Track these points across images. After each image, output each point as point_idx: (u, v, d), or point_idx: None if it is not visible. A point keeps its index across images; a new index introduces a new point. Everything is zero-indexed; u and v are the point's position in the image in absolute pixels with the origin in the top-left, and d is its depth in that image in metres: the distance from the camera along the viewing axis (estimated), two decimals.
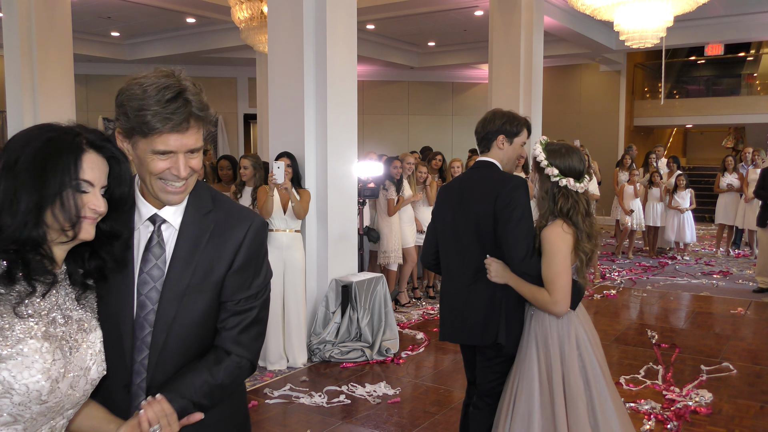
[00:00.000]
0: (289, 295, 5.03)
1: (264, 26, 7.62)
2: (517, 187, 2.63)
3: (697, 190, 11.01)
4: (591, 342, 2.54)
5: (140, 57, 13.53)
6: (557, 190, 2.52)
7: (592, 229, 2.53)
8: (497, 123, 2.81)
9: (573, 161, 2.52)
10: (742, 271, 9.12)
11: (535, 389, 2.49)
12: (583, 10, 7.82)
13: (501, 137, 2.79)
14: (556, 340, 2.50)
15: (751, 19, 11.99)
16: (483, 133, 2.83)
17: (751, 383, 4.67)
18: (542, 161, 2.53)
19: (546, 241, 2.49)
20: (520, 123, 2.82)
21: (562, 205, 2.50)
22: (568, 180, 2.50)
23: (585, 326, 2.57)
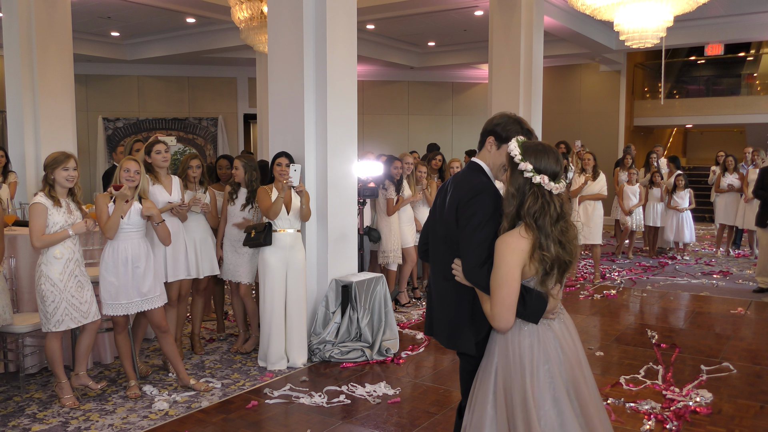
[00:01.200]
0: (290, 295, 5.03)
1: (264, 26, 7.63)
2: (478, 193, 2.47)
3: (696, 190, 11.01)
4: (559, 357, 2.36)
5: (140, 57, 13.54)
6: (528, 187, 2.32)
7: (565, 236, 2.32)
8: (493, 122, 2.67)
9: (549, 160, 2.33)
10: (742, 271, 9.12)
11: (489, 401, 2.38)
12: (583, 10, 7.82)
13: (490, 138, 2.64)
14: (517, 352, 2.35)
15: (751, 19, 11.99)
16: (481, 130, 2.74)
17: (751, 383, 4.67)
18: (516, 155, 2.35)
19: (495, 250, 2.31)
20: (514, 130, 2.59)
21: (530, 206, 2.29)
22: (542, 177, 2.30)
23: (561, 341, 2.39)
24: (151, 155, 4.82)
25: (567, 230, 2.34)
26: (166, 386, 4.62)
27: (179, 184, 4.99)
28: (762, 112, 14.53)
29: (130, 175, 4.28)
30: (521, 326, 2.38)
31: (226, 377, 4.83)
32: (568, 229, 2.34)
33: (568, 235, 2.34)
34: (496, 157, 2.62)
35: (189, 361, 5.17)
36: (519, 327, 2.38)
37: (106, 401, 4.33)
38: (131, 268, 4.30)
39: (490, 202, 2.46)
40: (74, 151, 7.15)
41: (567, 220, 2.35)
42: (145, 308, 4.36)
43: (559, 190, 2.34)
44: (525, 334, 2.37)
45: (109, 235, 4.22)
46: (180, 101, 15.24)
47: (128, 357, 4.49)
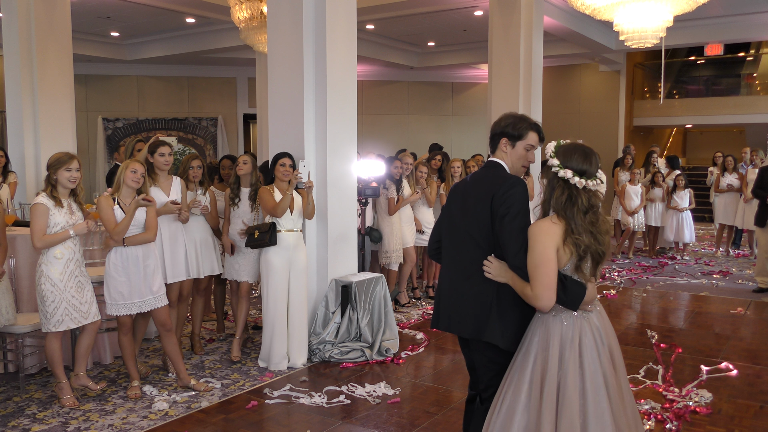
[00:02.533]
0: (292, 295, 5.03)
1: (264, 26, 7.63)
2: (513, 186, 2.65)
3: (696, 190, 11.01)
4: (599, 349, 2.47)
5: (140, 57, 13.55)
6: (556, 181, 2.53)
7: (595, 227, 2.48)
8: (501, 125, 2.81)
9: (576, 158, 2.51)
10: (741, 271, 9.12)
11: (523, 388, 2.47)
12: (582, 10, 7.82)
13: (504, 140, 2.79)
14: (557, 342, 2.47)
15: (750, 19, 11.99)
16: (490, 134, 2.85)
17: (750, 383, 4.67)
18: (549, 153, 2.57)
19: (529, 235, 2.50)
20: (524, 126, 2.77)
21: (557, 197, 2.49)
22: (565, 171, 2.49)
23: (595, 332, 2.51)
24: (154, 156, 4.81)
25: (597, 222, 2.50)
26: (165, 386, 4.62)
27: (180, 184, 4.98)
28: (761, 112, 14.54)
29: (137, 177, 4.29)
30: (561, 317, 2.51)
31: (226, 377, 4.83)
32: (598, 221, 2.50)
33: (599, 226, 2.50)
34: (513, 156, 2.79)
35: (189, 362, 5.17)
36: (559, 318, 2.51)
37: (105, 401, 4.33)
38: (142, 266, 4.32)
39: (525, 195, 2.66)
40: (74, 151, 7.15)
41: (597, 213, 2.51)
42: (158, 305, 4.38)
43: (587, 185, 2.50)
44: (564, 325, 2.49)
45: (117, 238, 4.22)
46: (180, 101, 15.24)
47: (132, 357, 4.50)
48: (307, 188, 5.03)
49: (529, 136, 2.78)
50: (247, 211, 5.31)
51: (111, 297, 4.31)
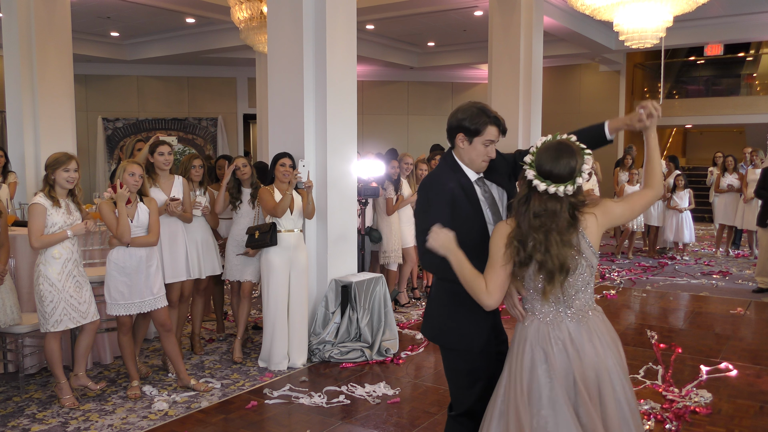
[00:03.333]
0: (293, 295, 5.02)
1: (263, 26, 7.63)
2: (422, 186, 2.63)
3: (696, 190, 11.01)
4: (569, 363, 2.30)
5: (140, 57, 13.55)
6: (524, 180, 2.36)
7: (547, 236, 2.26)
8: (458, 117, 2.58)
9: (544, 158, 2.31)
10: (741, 271, 9.12)
11: (499, 397, 2.40)
12: (582, 10, 7.82)
13: (460, 135, 2.57)
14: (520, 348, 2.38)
15: (750, 19, 12.00)
16: (447, 127, 2.65)
17: (750, 383, 4.67)
18: (531, 149, 2.42)
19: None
20: (482, 121, 2.53)
21: (518, 196, 2.37)
22: (529, 171, 2.33)
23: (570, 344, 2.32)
24: (154, 156, 4.81)
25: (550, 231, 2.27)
26: (165, 386, 4.62)
27: (183, 184, 4.97)
28: (761, 112, 14.55)
29: (135, 179, 4.28)
30: (531, 321, 2.39)
31: (226, 377, 4.83)
32: (551, 230, 2.27)
33: (548, 242, 2.26)
34: (471, 152, 2.57)
35: (189, 362, 5.17)
36: (529, 322, 2.39)
37: (105, 401, 4.33)
38: (145, 267, 4.32)
39: (431, 194, 2.56)
40: (74, 151, 7.15)
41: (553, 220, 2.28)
42: (157, 306, 4.38)
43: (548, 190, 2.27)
44: (531, 329, 2.37)
45: (125, 240, 4.22)
46: (179, 101, 15.24)
47: (132, 357, 4.50)
48: (307, 188, 5.03)
49: (487, 131, 2.54)
50: (249, 212, 5.31)
51: (111, 297, 4.30)
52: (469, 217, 2.55)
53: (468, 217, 2.54)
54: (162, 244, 4.79)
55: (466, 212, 2.54)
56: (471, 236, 2.50)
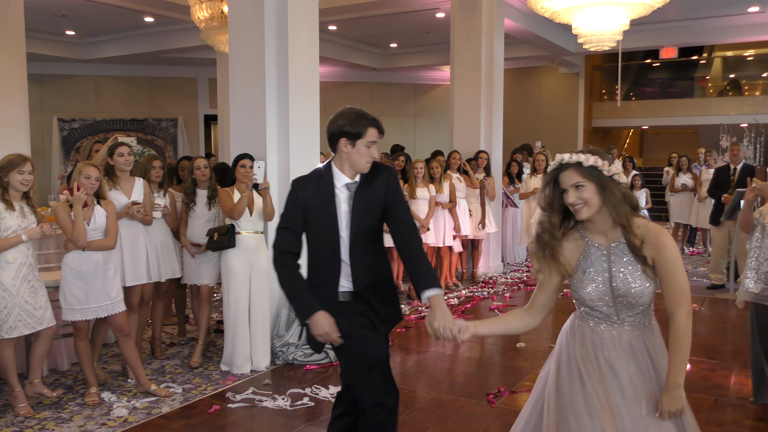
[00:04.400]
0: (254, 298, 4.97)
1: (224, 26, 7.54)
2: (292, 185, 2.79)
3: (652, 189, 11.27)
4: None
5: (97, 56, 13.28)
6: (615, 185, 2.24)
7: None
8: (338, 124, 2.69)
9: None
10: (696, 268, 9.37)
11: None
12: (542, 13, 7.93)
13: (343, 140, 2.68)
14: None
15: (703, 23, 12.36)
16: (328, 134, 2.74)
17: (705, 377, 4.80)
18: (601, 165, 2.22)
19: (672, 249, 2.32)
20: (362, 124, 2.67)
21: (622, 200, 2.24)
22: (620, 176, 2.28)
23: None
24: (113, 157, 4.71)
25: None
26: (125, 392, 4.53)
27: (143, 186, 4.88)
28: (714, 114, 14.97)
29: (91, 182, 4.19)
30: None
31: (188, 382, 4.76)
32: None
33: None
34: (355, 155, 2.69)
35: (149, 366, 5.08)
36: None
37: (62, 409, 4.22)
38: (102, 271, 4.23)
39: (291, 194, 2.76)
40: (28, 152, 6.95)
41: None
42: (115, 311, 4.29)
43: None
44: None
45: (81, 243, 4.12)
46: (138, 102, 14.98)
47: (89, 363, 4.39)
48: (263, 189, 4.99)
49: (368, 133, 2.68)
50: (204, 213, 5.24)
51: (66, 302, 4.20)
52: (321, 225, 2.71)
53: (319, 226, 2.71)
54: (123, 246, 4.70)
55: (319, 221, 2.70)
56: (322, 246, 2.73)
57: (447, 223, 7.55)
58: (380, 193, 2.75)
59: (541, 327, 6.06)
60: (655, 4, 7.53)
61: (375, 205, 2.75)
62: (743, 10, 11.65)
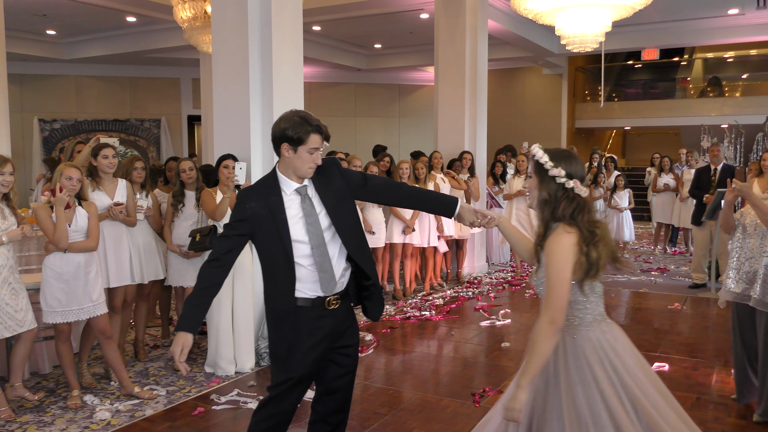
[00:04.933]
0: (238, 299, 4.96)
1: (208, 26, 7.50)
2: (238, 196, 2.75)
3: (635, 190, 11.38)
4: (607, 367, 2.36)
5: (78, 56, 13.15)
6: (562, 192, 2.37)
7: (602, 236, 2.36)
8: (281, 127, 2.62)
9: (578, 165, 2.40)
10: (678, 267, 9.46)
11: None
12: (525, 14, 7.97)
13: (285, 145, 2.61)
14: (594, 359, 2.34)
15: (684, 25, 12.50)
16: (271, 137, 2.68)
17: (687, 375, 4.85)
18: (546, 162, 2.38)
19: (548, 251, 2.35)
20: (304, 130, 2.59)
21: (564, 208, 2.35)
22: (575, 182, 2.37)
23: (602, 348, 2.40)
24: (97, 159, 4.67)
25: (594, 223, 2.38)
26: (108, 395, 4.48)
27: (126, 187, 4.84)
28: (695, 115, 15.14)
29: (72, 183, 4.14)
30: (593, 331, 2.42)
31: (172, 384, 4.72)
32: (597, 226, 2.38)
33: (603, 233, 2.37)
34: (297, 161, 2.63)
35: (132, 369, 5.04)
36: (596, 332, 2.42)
37: (44, 412, 4.17)
38: (84, 273, 4.18)
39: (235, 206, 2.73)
40: (8, 153, 6.87)
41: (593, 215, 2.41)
42: (97, 313, 4.24)
43: (585, 193, 2.40)
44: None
45: (62, 245, 4.07)
46: (121, 102, 14.85)
47: (71, 366, 4.34)
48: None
49: (310, 139, 2.60)
50: (193, 215, 5.21)
51: (47, 304, 4.15)
52: (271, 235, 2.63)
53: (269, 236, 2.63)
54: (106, 248, 4.67)
55: (268, 231, 2.63)
56: (272, 255, 2.65)
57: (432, 224, 7.57)
58: (340, 182, 2.74)
59: (526, 328, 6.10)
60: (636, 6, 7.60)
61: (345, 200, 2.74)
62: (723, 13, 11.80)
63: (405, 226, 7.23)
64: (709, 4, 11.27)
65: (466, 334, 6.03)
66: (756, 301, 3.83)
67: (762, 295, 3.80)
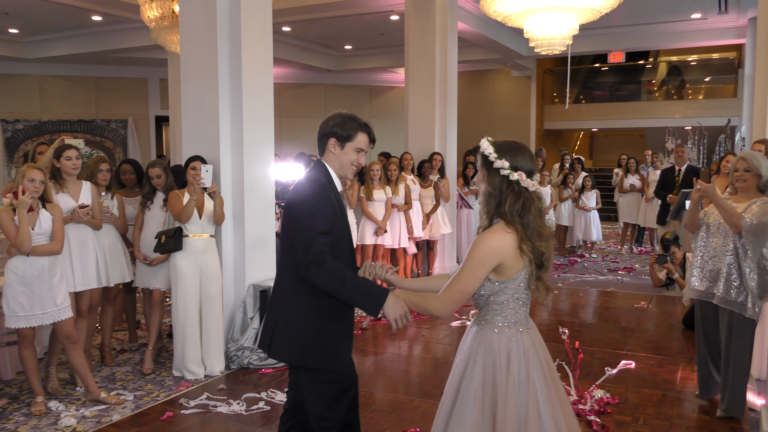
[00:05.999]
0: (205, 301, 4.91)
1: (175, 26, 7.40)
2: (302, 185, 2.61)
3: (602, 190, 11.56)
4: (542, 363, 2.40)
5: (42, 55, 12.87)
6: (507, 185, 2.32)
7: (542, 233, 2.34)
8: (329, 124, 2.66)
9: (524, 158, 2.34)
10: (644, 266, 9.63)
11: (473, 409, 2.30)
12: (495, 17, 8.04)
13: (332, 140, 2.64)
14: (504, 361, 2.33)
15: (649, 28, 12.73)
16: (318, 134, 2.70)
17: (653, 373, 4.94)
18: (491, 154, 2.33)
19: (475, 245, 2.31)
20: (352, 127, 2.64)
21: (511, 203, 2.31)
22: (520, 174, 2.31)
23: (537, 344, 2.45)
24: (60, 161, 4.57)
25: (542, 227, 2.36)
26: (73, 401, 4.40)
27: (91, 189, 4.75)
28: (660, 117, 15.43)
29: (35, 186, 4.05)
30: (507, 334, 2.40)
31: (139, 389, 4.65)
32: (543, 226, 2.36)
33: (544, 231, 2.35)
34: (342, 158, 2.65)
35: (99, 374, 4.95)
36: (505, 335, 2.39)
37: (6, 420, 4.07)
38: (48, 277, 4.09)
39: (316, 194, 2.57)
40: None
41: (543, 218, 2.38)
42: (61, 318, 4.15)
43: (535, 187, 2.35)
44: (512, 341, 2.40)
45: (24, 249, 3.98)
46: (86, 102, 14.57)
47: (35, 372, 4.25)
48: (210, 193, 4.93)
49: (358, 137, 2.65)
50: (159, 215, 5.14)
51: (10, 309, 4.05)
52: (339, 230, 2.62)
53: (338, 231, 2.61)
54: (71, 251, 4.58)
55: (337, 226, 2.61)
56: (343, 247, 2.62)
57: (402, 225, 7.59)
58: None
59: None
60: (603, 10, 7.72)
61: None
62: (687, 17, 12.05)
63: (377, 227, 7.24)
64: (673, 8, 11.51)
65: (437, 335, 6.05)
66: (719, 298, 3.92)
67: (725, 293, 3.89)
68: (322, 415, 2.61)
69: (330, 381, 2.62)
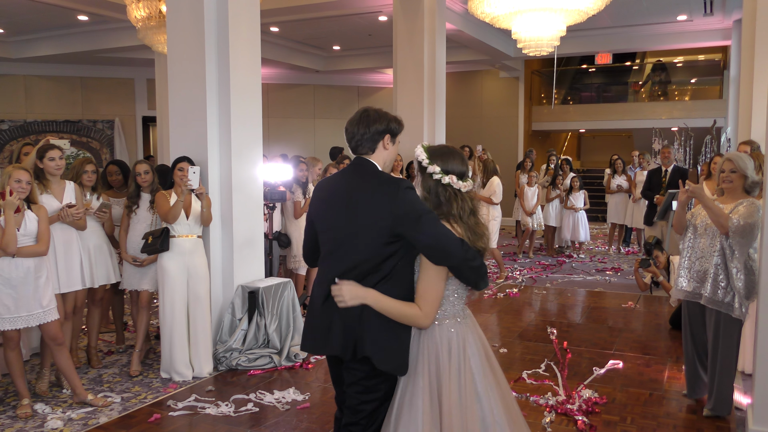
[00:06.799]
0: (193, 303, 4.88)
1: (163, 26, 7.37)
2: (410, 188, 2.40)
3: (590, 191, 11.61)
4: (480, 352, 2.45)
5: (28, 55, 12.76)
6: (441, 189, 2.45)
7: (476, 231, 2.43)
8: (387, 118, 2.54)
9: (454, 161, 2.46)
10: (631, 267, 9.68)
11: (420, 403, 2.34)
12: (483, 18, 8.07)
13: (388, 137, 2.53)
14: (447, 350, 2.39)
15: (635, 30, 12.83)
16: (372, 131, 2.50)
17: (640, 372, 4.97)
18: (424, 160, 2.47)
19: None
20: (401, 122, 2.61)
21: (444, 204, 2.43)
22: (450, 177, 2.43)
23: (477, 335, 2.49)
24: (43, 161, 4.53)
25: (478, 225, 2.47)
26: (60, 403, 4.36)
27: (75, 189, 4.71)
28: (646, 118, 15.53)
29: (22, 186, 4.01)
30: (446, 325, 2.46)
31: (127, 390, 4.62)
32: (478, 224, 2.47)
33: (479, 230, 2.46)
34: (393, 153, 2.58)
35: (85, 376, 4.91)
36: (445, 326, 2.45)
37: None
38: (33, 278, 4.05)
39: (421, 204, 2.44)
40: None
41: (477, 216, 2.49)
42: (47, 320, 4.11)
43: (468, 188, 2.48)
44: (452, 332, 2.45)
45: (10, 250, 3.93)
46: (72, 102, 14.47)
47: (20, 374, 4.21)
48: (198, 194, 4.91)
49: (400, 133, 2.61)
50: (147, 217, 5.11)
51: None
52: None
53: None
54: (56, 252, 4.54)
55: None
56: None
57: None
58: None
59: (483, 327, 6.15)
60: (590, 11, 7.77)
61: None
62: (673, 19, 12.15)
63: None
64: (659, 10, 11.59)
65: None
66: (707, 299, 3.95)
67: (712, 293, 3.91)
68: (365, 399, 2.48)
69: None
